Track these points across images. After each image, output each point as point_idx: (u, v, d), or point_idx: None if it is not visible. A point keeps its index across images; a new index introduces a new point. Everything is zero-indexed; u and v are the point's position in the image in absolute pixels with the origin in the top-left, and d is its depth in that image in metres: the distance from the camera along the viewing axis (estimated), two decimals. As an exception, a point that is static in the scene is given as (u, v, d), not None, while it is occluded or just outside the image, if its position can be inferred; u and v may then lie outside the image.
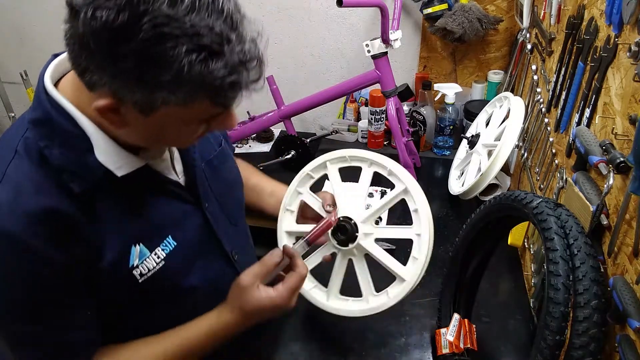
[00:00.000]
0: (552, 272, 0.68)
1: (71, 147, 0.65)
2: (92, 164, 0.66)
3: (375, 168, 0.99)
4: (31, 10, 2.02)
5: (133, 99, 0.58)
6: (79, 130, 0.65)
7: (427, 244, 0.89)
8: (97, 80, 0.58)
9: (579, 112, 0.90)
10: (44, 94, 0.66)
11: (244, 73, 0.59)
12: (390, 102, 1.52)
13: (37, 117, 0.66)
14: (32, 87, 1.85)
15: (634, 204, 0.65)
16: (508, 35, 1.67)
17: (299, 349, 1.04)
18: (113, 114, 0.61)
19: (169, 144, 0.76)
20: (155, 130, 0.65)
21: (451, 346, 0.96)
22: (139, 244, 0.72)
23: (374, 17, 1.76)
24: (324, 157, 1.03)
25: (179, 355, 0.78)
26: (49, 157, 0.64)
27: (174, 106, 0.59)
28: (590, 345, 0.64)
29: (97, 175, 0.66)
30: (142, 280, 0.73)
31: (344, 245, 0.92)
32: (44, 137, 0.65)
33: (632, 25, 0.70)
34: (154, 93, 0.57)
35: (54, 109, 0.65)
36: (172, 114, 0.61)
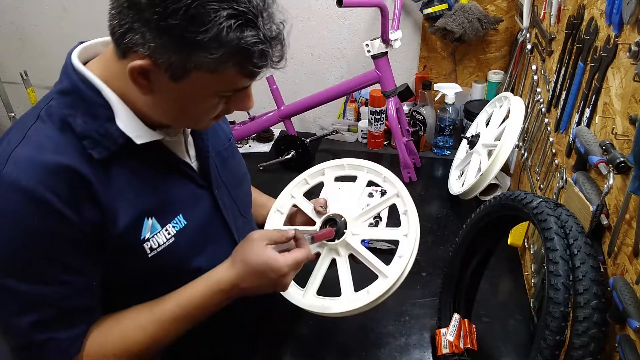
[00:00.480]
0: (552, 272, 0.68)
1: (94, 115, 0.69)
2: (113, 132, 0.69)
3: (370, 175, 1.02)
4: (31, 10, 2.02)
5: (169, 60, 0.62)
6: (102, 100, 0.69)
7: (412, 244, 0.89)
8: (138, 41, 0.62)
9: (579, 112, 0.90)
10: (71, 68, 0.70)
11: (271, 48, 0.65)
12: (390, 102, 1.52)
13: (63, 87, 0.70)
14: (32, 87, 1.85)
15: (634, 204, 0.65)
16: (508, 35, 1.67)
17: (299, 349, 1.04)
18: (143, 79, 0.65)
19: (187, 120, 0.77)
20: (180, 100, 0.69)
21: (451, 346, 0.96)
22: (151, 218, 0.74)
23: (374, 17, 1.76)
24: (322, 165, 1.05)
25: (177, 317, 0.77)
26: (71, 124, 0.68)
27: (204, 72, 0.64)
28: (590, 345, 0.64)
29: (117, 143, 0.70)
30: (151, 255, 0.75)
31: (331, 241, 0.92)
32: (69, 106, 0.69)
33: (632, 25, 0.70)
34: (191, 55, 0.62)
35: (80, 80, 0.69)
36: (200, 81, 0.65)
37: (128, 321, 0.76)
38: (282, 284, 0.80)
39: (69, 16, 2.00)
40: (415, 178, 1.59)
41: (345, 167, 1.03)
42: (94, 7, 1.95)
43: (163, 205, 0.77)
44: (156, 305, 0.77)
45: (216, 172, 0.87)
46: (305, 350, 1.03)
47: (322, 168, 1.05)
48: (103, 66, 0.71)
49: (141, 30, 0.62)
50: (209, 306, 0.79)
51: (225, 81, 0.67)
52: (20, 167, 0.64)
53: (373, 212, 0.97)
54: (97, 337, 0.73)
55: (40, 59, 2.11)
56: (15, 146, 0.66)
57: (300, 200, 1.02)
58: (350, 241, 0.92)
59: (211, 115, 0.74)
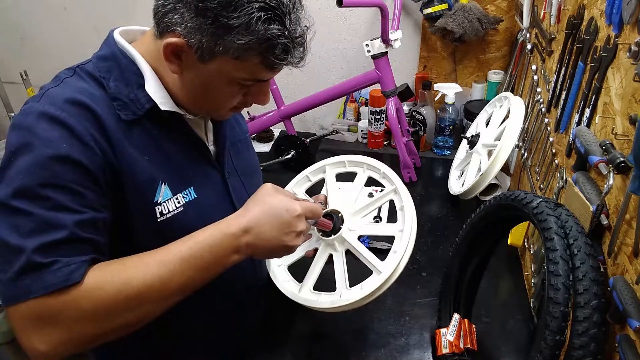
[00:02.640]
0: (552, 272, 0.68)
1: (126, 81, 0.76)
2: (141, 98, 0.76)
3: (369, 172, 1.03)
4: (31, 10, 2.02)
5: (200, 41, 0.69)
6: (136, 69, 0.77)
7: (407, 239, 0.89)
8: (176, 20, 0.69)
9: (579, 112, 0.90)
10: (113, 40, 0.78)
11: (294, 46, 0.71)
12: (390, 102, 1.52)
13: (102, 53, 0.78)
14: (32, 87, 1.85)
15: (634, 204, 0.65)
16: (508, 35, 1.67)
17: (299, 349, 1.04)
18: (175, 57, 0.72)
19: (208, 105, 0.81)
20: (203, 82, 0.75)
21: (451, 346, 0.96)
22: (165, 184, 0.78)
23: (374, 17, 1.76)
24: (323, 161, 1.06)
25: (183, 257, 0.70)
26: (105, 85, 0.75)
27: (229, 58, 0.70)
28: (590, 345, 0.64)
29: (144, 109, 0.76)
30: (160, 220, 0.78)
31: (327, 236, 0.93)
32: (105, 70, 0.76)
33: (632, 25, 0.70)
34: (220, 38, 0.68)
35: (119, 50, 0.77)
36: (224, 66, 0.71)
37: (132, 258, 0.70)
38: (295, 231, 0.77)
39: (69, 16, 2.00)
40: (415, 178, 1.59)
41: (345, 164, 1.05)
42: (94, 7, 1.95)
43: (177, 175, 0.80)
44: (163, 247, 0.71)
45: (230, 159, 0.92)
46: (305, 351, 1.03)
47: (322, 165, 1.06)
48: (141, 44, 0.79)
49: (181, 10, 0.68)
50: (217, 252, 0.72)
51: (247, 70, 0.72)
52: (54, 100, 0.70)
53: (370, 208, 0.97)
54: (96, 270, 0.67)
55: (40, 59, 2.11)
56: (50, 87, 0.73)
57: (302, 198, 1.01)
58: (346, 237, 0.92)
59: (230, 104, 0.79)
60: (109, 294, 0.65)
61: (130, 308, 0.67)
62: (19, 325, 0.64)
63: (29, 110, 0.69)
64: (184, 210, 0.80)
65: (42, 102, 0.70)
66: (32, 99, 0.72)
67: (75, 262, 0.65)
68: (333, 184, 1.03)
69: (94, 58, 0.78)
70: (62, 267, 0.64)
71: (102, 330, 0.66)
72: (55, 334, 0.63)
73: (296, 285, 0.95)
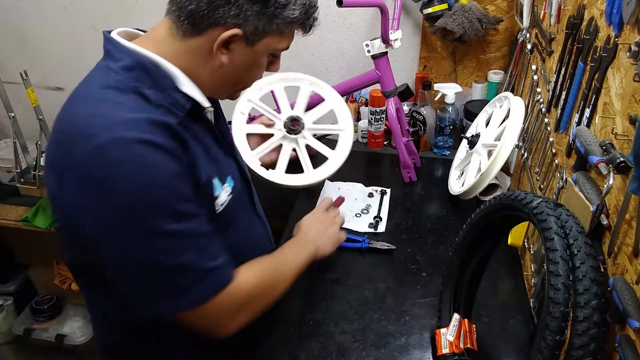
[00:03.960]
0: (552, 272, 0.68)
1: (160, 87, 0.75)
2: (179, 99, 0.76)
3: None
4: (31, 10, 2.02)
5: (255, 25, 0.74)
6: (164, 72, 0.76)
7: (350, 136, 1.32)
8: (232, 12, 0.72)
9: (579, 112, 0.90)
10: (123, 47, 0.75)
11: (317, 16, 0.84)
12: (390, 102, 1.52)
13: (126, 64, 0.74)
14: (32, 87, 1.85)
15: (634, 204, 0.65)
16: (508, 35, 1.67)
17: (298, 349, 1.04)
18: (225, 48, 0.75)
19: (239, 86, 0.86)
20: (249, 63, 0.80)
21: (451, 346, 0.96)
22: (216, 177, 0.83)
23: (374, 17, 1.76)
24: (271, 76, 1.35)
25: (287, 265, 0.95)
26: (145, 94, 0.73)
27: (275, 35, 0.77)
28: (590, 345, 0.64)
29: (185, 109, 0.77)
30: (218, 212, 0.83)
31: (295, 133, 1.28)
32: (136, 80, 0.73)
33: (632, 25, 0.70)
34: (274, 18, 0.75)
35: (140, 57, 0.75)
36: (270, 43, 0.78)
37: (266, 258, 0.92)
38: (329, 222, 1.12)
39: (69, 16, 2.00)
40: (415, 178, 1.59)
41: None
42: (94, 7, 1.95)
43: (219, 166, 0.85)
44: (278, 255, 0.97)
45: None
46: (306, 351, 1.03)
47: (271, 81, 1.35)
48: (153, 46, 0.76)
49: (237, 2, 0.71)
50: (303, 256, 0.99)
51: (288, 40, 0.81)
52: (130, 126, 0.68)
53: (303, 103, 1.32)
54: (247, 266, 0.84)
55: (40, 59, 2.11)
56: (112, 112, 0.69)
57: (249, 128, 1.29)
58: (306, 135, 1.30)
59: (257, 79, 0.86)
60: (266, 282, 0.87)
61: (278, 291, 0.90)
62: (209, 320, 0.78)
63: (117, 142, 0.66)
64: (232, 197, 0.87)
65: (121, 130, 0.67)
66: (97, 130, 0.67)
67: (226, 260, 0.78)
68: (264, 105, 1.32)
69: (117, 69, 0.74)
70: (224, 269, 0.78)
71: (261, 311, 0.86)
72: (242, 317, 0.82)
73: (272, 172, 1.25)
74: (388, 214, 1.42)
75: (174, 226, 0.70)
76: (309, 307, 1.14)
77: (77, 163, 0.67)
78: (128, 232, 0.68)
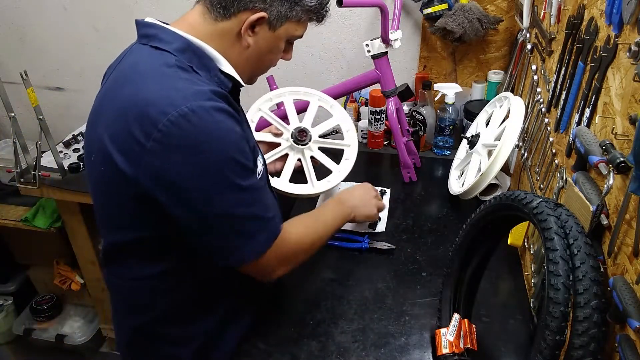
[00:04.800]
0: (552, 272, 0.68)
1: (207, 67, 0.84)
2: (223, 78, 0.86)
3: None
4: (31, 10, 2.02)
5: (279, 10, 0.84)
6: (207, 53, 0.85)
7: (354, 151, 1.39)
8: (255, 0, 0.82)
9: (579, 112, 0.90)
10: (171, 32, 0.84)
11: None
12: (390, 102, 1.52)
13: (178, 46, 0.82)
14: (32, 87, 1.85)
15: (634, 204, 0.65)
16: (508, 35, 1.67)
17: (298, 349, 1.04)
18: (252, 30, 0.85)
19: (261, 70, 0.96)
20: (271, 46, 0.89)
21: (451, 346, 0.96)
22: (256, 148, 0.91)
23: (374, 17, 1.76)
24: (283, 89, 1.42)
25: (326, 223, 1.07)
26: (199, 73, 0.82)
27: (294, 21, 0.87)
28: (590, 345, 0.64)
29: (228, 87, 0.86)
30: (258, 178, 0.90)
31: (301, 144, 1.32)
32: (188, 60, 0.82)
33: (632, 25, 0.70)
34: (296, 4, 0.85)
35: (187, 40, 0.83)
36: (289, 29, 0.88)
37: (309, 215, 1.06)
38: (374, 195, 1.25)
39: (69, 16, 2.00)
40: (415, 178, 1.59)
41: (301, 93, 1.42)
42: (94, 7, 1.95)
43: (253, 141, 0.91)
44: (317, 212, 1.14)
45: None
46: (306, 351, 1.03)
47: (283, 92, 1.41)
48: (192, 30, 0.85)
49: None
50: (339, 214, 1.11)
51: (302, 28, 0.91)
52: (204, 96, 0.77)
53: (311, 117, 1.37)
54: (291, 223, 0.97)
55: (40, 59, 2.11)
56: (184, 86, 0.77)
57: (257, 135, 1.30)
58: (312, 147, 1.34)
59: (274, 64, 0.95)
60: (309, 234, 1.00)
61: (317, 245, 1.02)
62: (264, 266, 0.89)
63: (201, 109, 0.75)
64: (264, 168, 0.95)
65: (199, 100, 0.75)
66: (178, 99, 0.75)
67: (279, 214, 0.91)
68: (273, 115, 1.37)
69: (172, 51, 0.82)
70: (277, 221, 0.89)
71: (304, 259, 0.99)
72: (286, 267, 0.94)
73: (277, 180, 1.27)
74: (388, 214, 1.42)
75: (245, 181, 0.81)
76: (309, 307, 1.14)
77: (163, 132, 0.73)
78: (217, 188, 0.78)
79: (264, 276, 0.93)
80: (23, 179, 1.90)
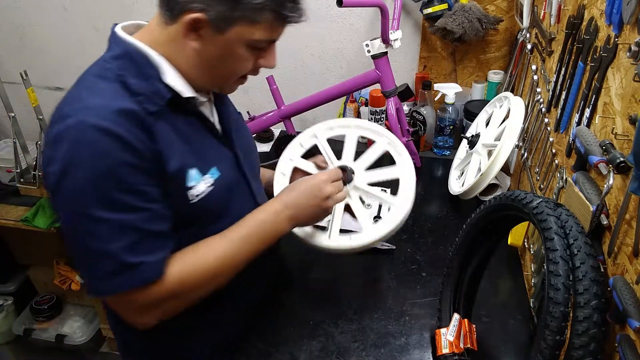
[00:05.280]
0: (552, 272, 0.68)
1: (145, 76, 0.79)
2: (161, 89, 0.79)
3: (358, 131, 1.15)
4: (31, 9, 2.02)
5: (218, 11, 0.73)
6: (150, 62, 0.80)
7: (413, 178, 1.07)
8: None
9: (579, 112, 0.90)
10: (119, 38, 0.81)
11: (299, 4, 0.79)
12: (390, 102, 1.52)
13: (115, 53, 0.80)
14: (32, 87, 1.85)
15: (634, 204, 0.65)
16: (508, 35, 1.67)
17: (298, 349, 1.04)
18: (194, 33, 0.77)
19: (222, 78, 0.86)
20: (223, 52, 0.79)
21: (451, 346, 0.96)
22: (194, 168, 0.83)
23: (374, 17, 1.76)
24: (313, 128, 1.16)
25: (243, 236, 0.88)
26: (127, 83, 0.77)
27: (245, 23, 0.76)
28: (590, 345, 0.64)
29: (165, 99, 0.79)
30: (194, 201, 0.84)
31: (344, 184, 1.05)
32: (122, 68, 0.78)
33: (632, 25, 0.70)
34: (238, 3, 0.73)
35: (129, 46, 0.80)
36: (242, 32, 0.76)
37: (202, 245, 0.85)
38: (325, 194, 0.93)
39: (69, 16, 2.00)
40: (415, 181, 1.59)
41: (334, 128, 1.16)
42: (94, 7, 1.95)
43: (200, 158, 0.85)
44: (226, 231, 0.88)
45: (235, 136, 0.96)
46: (306, 351, 1.03)
47: (313, 132, 1.16)
48: (146, 35, 0.81)
49: None
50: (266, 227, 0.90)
51: (263, 30, 0.77)
52: (96, 112, 0.73)
53: (369, 160, 1.11)
54: (177, 260, 0.82)
55: (40, 59, 2.11)
56: (88, 98, 0.75)
57: (300, 162, 1.13)
58: (358, 184, 1.07)
59: (243, 71, 0.84)
60: (191, 279, 0.82)
61: (208, 284, 0.85)
62: (121, 310, 0.81)
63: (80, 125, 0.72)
64: (212, 190, 0.86)
65: (89, 115, 0.72)
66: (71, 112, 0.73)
67: (158, 260, 0.78)
68: (327, 146, 1.14)
69: (108, 58, 0.80)
70: (148, 268, 0.77)
71: (188, 303, 0.85)
72: (153, 315, 0.82)
73: (324, 234, 1.04)
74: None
75: (105, 213, 0.73)
76: (309, 307, 1.14)
77: (47, 142, 0.74)
78: (75, 210, 0.74)
79: (126, 319, 0.82)
80: (23, 179, 1.91)
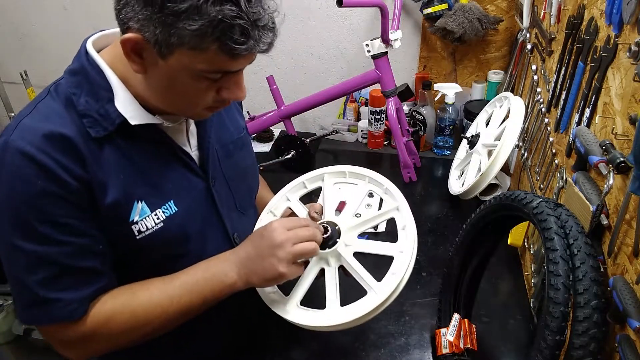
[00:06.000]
0: (552, 272, 0.68)
1: (96, 96, 0.73)
2: (111, 113, 0.73)
3: (371, 186, 0.95)
4: (31, 10, 2.02)
5: (155, 34, 0.64)
6: (106, 82, 0.73)
7: (408, 262, 0.81)
8: (129, 14, 0.65)
9: (579, 112, 0.90)
10: (84, 51, 0.76)
11: (256, 29, 0.65)
12: (390, 102, 1.52)
13: (73, 67, 0.76)
14: (32, 87, 1.85)
15: (634, 204, 0.65)
16: (508, 35, 1.67)
17: (299, 350, 1.04)
18: (137, 56, 0.68)
19: (180, 105, 0.76)
20: (169, 80, 0.70)
21: (451, 346, 0.96)
22: (141, 202, 0.76)
23: (374, 17, 1.76)
24: (322, 170, 0.98)
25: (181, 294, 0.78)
26: (74, 102, 0.72)
27: (186, 49, 0.65)
28: (590, 345, 0.64)
29: (114, 124, 0.73)
30: (139, 237, 0.77)
31: (322, 249, 0.84)
32: (75, 85, 0.74)
33: (632, 25, 0.70)
34: (172, 27, 0.63)
35: (89, 63, 0.74)
36: (183, 59, 0.66)
37: (139, 288, 0.78)
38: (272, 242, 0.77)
39: (69, 16, 2.00)
40: (415, 178, 1.59)
41: (346, 175, 0.97)
42: (94, 7, 1.95)
43: (154, 190, 0.78)
44: (172, 276, 0.79)
45: (217, 163, 0.88)
46: (305, 351, 1.03)
47: (322, 173, 0.98)
48: (111, 51, 0.76)
49: (132, 3, 0.65)
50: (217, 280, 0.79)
51: (208, 60, 0.66)
52: (24, 134, 0.69)
53: (369, 225, 0.89)
54: (108, 299, 0.76)
55: (40, 59, 2.11)
56: (24, 117, 0.72)
57: (296, 204, 0.96)
58: (341, 252, 0.85)
59: (203, 102, 0.74)
60: (119, 322, 0.75)
61: (139, 330, 0.77)
62: (48, 340, 0.77)
63: (4, 146, 0.69)
64: (164, 226, 0.78)
65: (16, 137, 0.69)
66: (7, 129, 0.72)
67: (78, 299, 0.73)
68: (331, 191, 0.95)
69: (65, 73, 0.76)
70: (65, 305, 0.72)
71: (115, 347, 0.79)
72: (77, 351, 0.77)
73: (282, 298, 0.86)
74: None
75: (25, 244, 0.69)
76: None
77: None
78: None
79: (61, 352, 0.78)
80: (23, 179, 1.90)
